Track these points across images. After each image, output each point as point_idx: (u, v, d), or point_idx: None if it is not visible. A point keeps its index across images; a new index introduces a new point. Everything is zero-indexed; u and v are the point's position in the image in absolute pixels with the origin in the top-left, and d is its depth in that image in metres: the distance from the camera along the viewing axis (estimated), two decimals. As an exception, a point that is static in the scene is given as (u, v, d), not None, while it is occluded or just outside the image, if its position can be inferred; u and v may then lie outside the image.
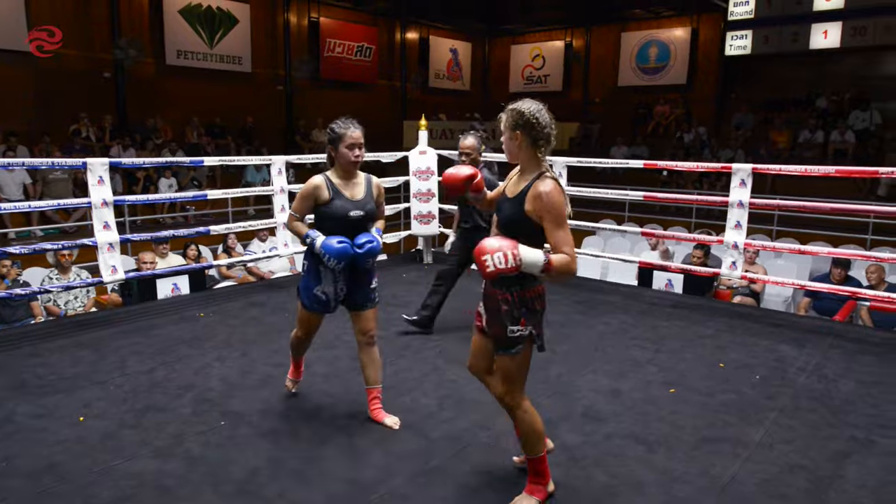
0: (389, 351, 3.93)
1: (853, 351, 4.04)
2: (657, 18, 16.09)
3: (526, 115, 2.13)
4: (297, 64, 14.75)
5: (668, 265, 5.56)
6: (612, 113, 15.96)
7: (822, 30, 12.71)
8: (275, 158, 5.60)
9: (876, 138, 11.76)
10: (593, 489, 2.46)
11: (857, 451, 2.77)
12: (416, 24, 17.35)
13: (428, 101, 16.87)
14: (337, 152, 2.84)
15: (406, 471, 2.55)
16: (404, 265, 6.43)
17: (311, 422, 2.95)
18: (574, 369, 3.63)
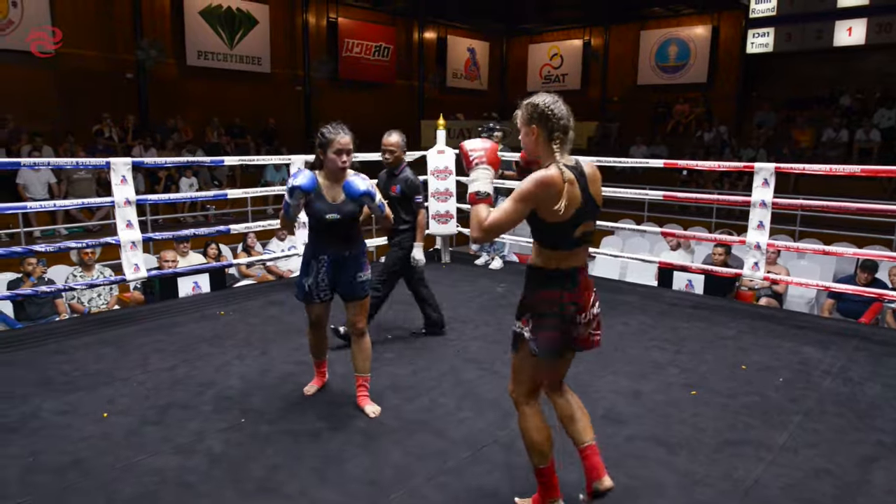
0: (408, 352, 3.94)
1: (879, 353, 3.96)
2: (677, 16, 15.94)
3: (540, 108, 2.08)
4: (315, 64, 14.85)
5: (688, 266, 5.50)
6: (631, 112, 15.84)
7: (847, 27, 12.50)
8: (294, 158, 5.63)
9: (903, 137, 11.54)
10: (614, 491, 2.43)
11: (884, 457, 2.71)
12: (433, 23, 17.37)
13: (446, 100, 16.87)
14: (325, 157, 2.90)
15: (425, 471, 2.55)
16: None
17: (331, 420, 2.96)
18: (593, 370, 3.60)
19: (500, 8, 17.06)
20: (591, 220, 2.10)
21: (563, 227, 2.04)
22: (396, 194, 3.97)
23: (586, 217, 2.07)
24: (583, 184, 2.05)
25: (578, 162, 2.12)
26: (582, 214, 2.04)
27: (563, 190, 1.98)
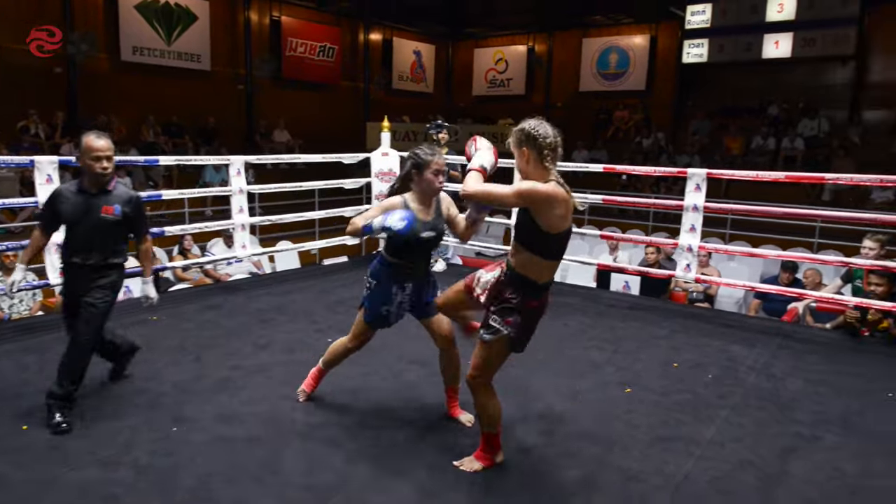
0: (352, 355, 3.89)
1: (800, 350, 4.18)
2: (617, 25, 16.39)
3: (526, 130, 2.29)
4: (257, 63, 14.53)
5: (625, 267, 5.66)
6: (574, 117, 16.17)
7: (774, 40, 13.15)
8: (233, 158, 5.49)
9: (824, 145, 12.22)
10: (550, 489, 2.48)
11: (802, 447, 2.86)
12: (379, 25, 17.28)
13: (391, 102, 16.81)
14: (421, 178, 2.80)
15: (365, 474, 2.53)
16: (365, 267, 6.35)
17: (269, 426, 2.90)
18: (533, 371, 3.65)
19: (445, 11, 17.15)
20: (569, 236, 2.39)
21: (560, 239, 2.31)
22: (115, 216, 2.99)
23: (568, 235, 2.35)
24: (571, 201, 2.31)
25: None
26: (570, 229, 2.34)
27: (563, 204, 2.24)
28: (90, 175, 2.98)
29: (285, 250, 7.17)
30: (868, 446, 2.87)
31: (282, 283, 5.75)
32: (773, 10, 13.05)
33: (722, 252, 5.53)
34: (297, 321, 4.54)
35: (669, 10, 14.41)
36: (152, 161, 5.21)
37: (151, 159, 5.20)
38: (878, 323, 4.40)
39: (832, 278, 5.46)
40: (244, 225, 5.45)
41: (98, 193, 3.01)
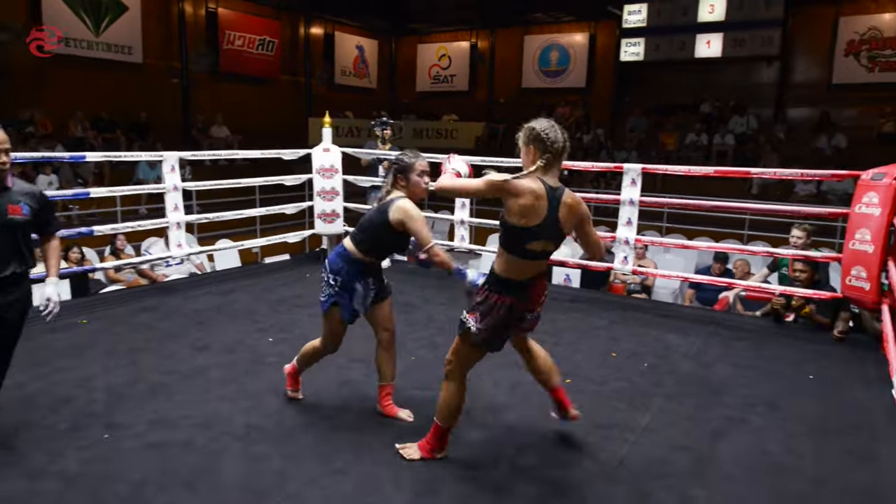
0: (292, 354, 3.83)
1: (729, 337, 4.37)
2: (557, 23, 16.67)
3: (536, 131, 2.35)
4: (193, 56, 14.07)
5: (565, 261, 5.78)
6: (517, 113, 16.24)
7: (706, 40, 13.66)
8: (166, 154, 5.31)
9: (752, 142, 12.79)
10: (492, 479, 2.51)
11: (731, 430, 3.00)
12: (320, 19, 17.01)
13: (334, 98, 16.60)
14: (408, 181, 2.84)
15: (305, 474, 2.50)
16: (308, 265, 6.29)
17: (206, 430, 2.82)
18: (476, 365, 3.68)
19: (387, 6, 17.03)
20: (551, 241, 2.38)
21: (521, 234, 2.30)
22: (24, 216, 2.65)
23: (546, 235, 2.33)
24: (553, 204, 2.30)
25: (562, 187, 2.37)
26: (542, 230, 2.30)
27: (526, 197, 2.25)
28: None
29: (225, 249, 6.98)
30: (791, 426, 3.03)
31: (221, 282, 5.61)
32: (704, 11, 13.55)
33: (657, 244, 5.71)
34: (237, 321, 4.44)
35: (607, 10, 14.75)
36: (79, 157, 4.98)
37: (78, 155, 4.97)
38: (802, 308, 4.65)
39: (760, 268, 5.73)
40: (179, 223, 5.28)
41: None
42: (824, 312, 4.56)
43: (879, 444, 2.84)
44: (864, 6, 12.92)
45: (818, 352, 4.10)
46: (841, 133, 12.04)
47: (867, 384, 3.56)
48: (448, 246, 6.63)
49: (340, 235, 6.50)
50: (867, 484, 2.54)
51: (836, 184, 10.17)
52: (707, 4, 13.48)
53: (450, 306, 4.95)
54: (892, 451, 2.71)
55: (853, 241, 4.13)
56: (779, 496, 2.45)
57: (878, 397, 3.34)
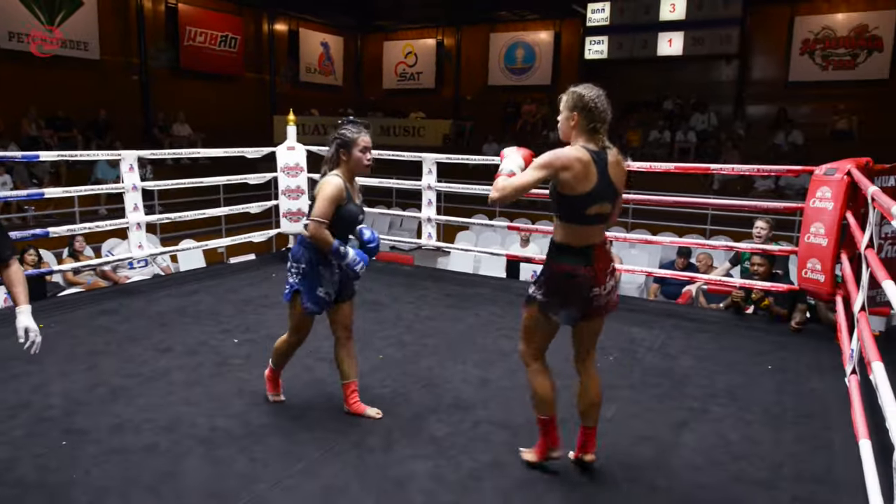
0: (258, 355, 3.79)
1: (692, 330, 4.47)
2: (523, 21, 16.78)
3: (586, 99, 2.29)
4: (153, 52, 13.75)
5: (532, 257, 5.83)
6: (483, 111, 16.45)
7: (668, 38, 13.91)
8: (125, 153, 5.18)
9: (713, 138, 13.09)
10: (460, 476, 2.53)
11: (693, 420, 3.07)
12: (284, 15, 16.80)
13: (299, 95, 16.42)
14: (350, 156, 2.80)
15: (271, 476, 2.47)
16: (274, 264, 6.22)
17: (169, 434, 2.77)
18: (443, 361, 3.70)
19: (352, 3, 16.91)
20: (607, 203, 2.33)
21: (577, 201, 2.28)
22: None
23: (601, 198, 2.30)
24: (601, 167, 2.28)
25: (605, 149, 2.33)
26: (597, 194, 2.27)
27: (574, 166, 2.23)
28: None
29: (188, 249, 6.85)
30: (749, 415, 3.12)
31: (185, 283, 5.50)
32: (665, 10, 13.80)
33: (622, 240, 5.81)
34: (201, 323, 4.36)
35: (572, 8, 14.90)
36: (32, 157, 4.82)
37: (31, 155, 4.82)
38: (761, 301, 4.78)
39: (722, 261, 5.88)
40: (140, 224, 5.16)
41: None
42: (782, 304, 4.69)
43: (833, 432, 2.94)
44: (817, 6, 13.33)
45: (776, 343, 4.22)
46: (798, 130, 12.41)
47: (822, 373, 3.68)
48: (416, 244, 6.65)
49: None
50: (822, 470, 2.63)
51: (793, 179, 10.47)
52: (668, 3, 13.73)
53: (418, 305, 4.96)
54: (845, 438, 2.81)
55: (808, 234, 4.26)
56: (738, 483, 2.52)
57: (832, 385, 3.45)
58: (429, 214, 5.87)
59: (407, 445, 2.74)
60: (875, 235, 3.22)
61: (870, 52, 12.77)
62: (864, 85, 12.70)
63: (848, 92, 12.74)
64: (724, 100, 14.19)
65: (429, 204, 5.87)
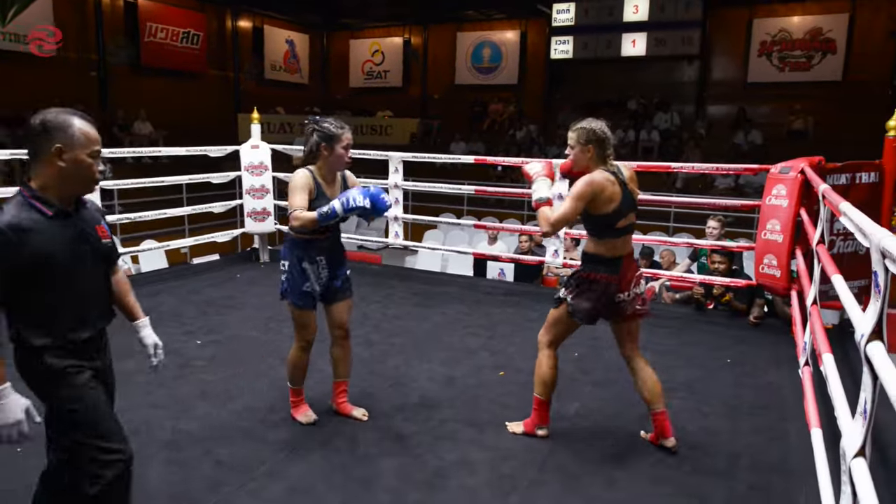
0: (221, 355, 3.74)
1: (653, 325, 4.54)
2: (489, 20, 16.86)
3: (598, 133, 2.60)
4: (111, 48, 13.41)
5: (498, 255, 5.87)
6: (451, 110, 16.48)
7: (631, 39, 14.15)
8: (83, 152, 5.03)
9: (676, 137, 13.36)
10: (426, 474, 2.54)
11: (646, 413, 3.13)
12: (248, 12, 16.56)
13: (264, 93, 16.21)
14: (331, 152, 2.73)
15: (237, 478, 2.45)
16: (239, 265, 6.14)
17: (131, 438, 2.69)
18: (410, 360, 3.71)
19: (318, 0, 16.76)
20: (631, 213, 2.65)
21: (608, 219, 2.59)
22: (111, 241, 2.00)
23: (627, 210, 2.62)
24: (622, 185, 2.61)
25: (619, 167, 2.67)
26: (624, 207, 2.60)
27: (607, 189, 2.54)
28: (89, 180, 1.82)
29: (149, 250, 6.71)
30: (708, 407, 3.21)
31: (147, 284, 5.39)
32: (629, 11, 14.03)
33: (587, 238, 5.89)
34: (163, 325, 4.27)
35: (537, 8, 15.03)
36: (-15, 155, 4.66)
37: (-17, 153, 4.65)
38: (722, 296, 4.90)
39: (684, 258, 6.01)
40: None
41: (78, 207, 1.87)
42: (741, 299, 4.82)
43: (788, 422, 3.04)
44: (774, 9, 13.71)
45: (735, 337, 4.34)
46: (756, 129, 12.75)
47: (778, 366, 3.80)
48: (383, 243, 6.63)
49: (274, 234, 6.37)
50: (777, 459, 2.72)
51: (752, 177, 10.74)
52: (632, 5, 13.96)
53: (385, 304, 4.95)
54: (800, 429, 2.90)
55: (765, 231, 4.38)
56: (696, 474, 2.59)
57: (788, 377, 3.56)
58: (396, 213, 5.86)
59: (373, 445, 2.74)
60: (826, 232, 3.34)
61: (824, 54, 13.20)
62: (819, 86, 13.12)
63: (804, 93, 13.15)
64: (687, 100, 14.50)
65: (396, 202, 5.86)
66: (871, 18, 12.74)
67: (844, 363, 3.28)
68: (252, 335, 4.10)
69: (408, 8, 16.89)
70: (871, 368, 1.44)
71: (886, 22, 12.54)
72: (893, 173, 4.11)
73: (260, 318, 4.42)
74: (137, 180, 5.86)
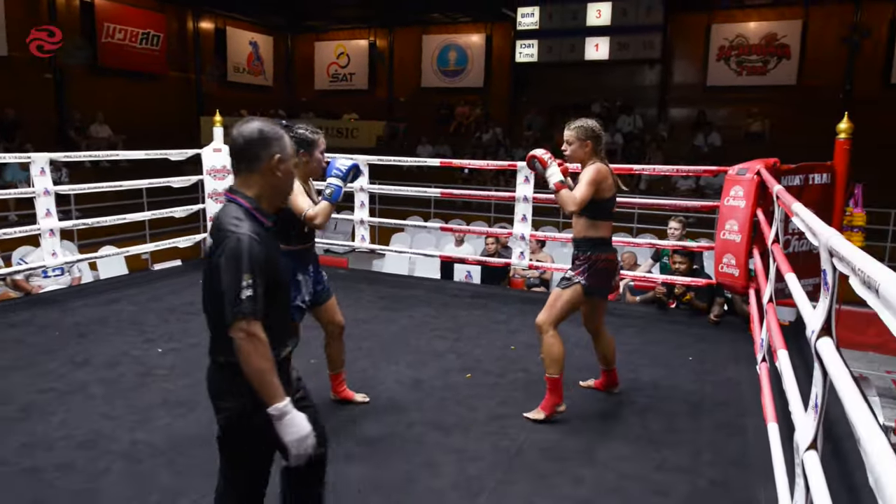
0: (184, 365, 3.66)
1: (619, 325, 4.62)
2: (455, 24, 16.89)
3: (595, 131, 3.06)
4: (67, 48, 13.01)
5: (465, 258, 5.89)
6: (417, 112, 16.46)
7: (595, 43, 14.32)
8: (34, 156, 4.89)
9: (638, 140, 13.59)
10: (394, 477, 2.53)
11: (620, 411, 3.19)
12: (210, 13, 16.27)
13: (228, 95, 15.95)
14: (311, 157, 2.78)
15: (196, 489, 2.39)
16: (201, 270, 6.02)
17: (87, 450, 2.64)
18: (377, 363, 3.69)
19: (282, 2, 16.56)
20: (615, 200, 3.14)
21: (606, 203, 3.05)
22: None
23: (616, 197, 3.13)
24: (613, 175, 3.06)
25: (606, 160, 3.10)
26: (615, 195, 3.10)
27: (608, 177, 3.00)
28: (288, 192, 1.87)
29: (108, 256, 6.52)
30: (671, 405, 3.27)
31: (105, 292, 5.26)
32: (592, 16, 14.21)
33: (553, 239, 5.94)
34: (122, 333, 4.18)
35: (502, 11, 15.13)
36: (-69, 159, 4.48)
37: (-71, 157, 4.48)
38: (683, 296, 5.00)
39: (647, 258, 6.11)
40: (53, 230, 4.89)
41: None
42: (702, 298, 4.93)
43: (747, 418, 3.11)
44: (731, 15, 14.06)
45: (696, 335, 4.43)
46: (716, 132, 13.05)
47: (738, 362, 3.89)
48: (350, 246, 6.58)
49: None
50: (737, 454, 2.78)
51: (712, 179, 10.99)
52: (595, 9, 14.14)
53: (353, 307, 4.90)
54: (758, 424, 2.98)
55: (723, 231, 4.49)
56: (660, 469, 2.63)
57: (746, 374, 3.65)
58: (362, 216, 5.83)
59: (340, 448, 2.71)
60: (781, 231, 3.43)
61: (779, 59, 13.59)
62: (775, 90, 13.50)
63: (760, 96, 13.51)
64: (649, 103, 14.76)
65: (362, 206, 5.83)
66: (824, 25, 13.16)
67: (800, 359, 3.38)
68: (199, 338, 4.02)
69: (372, 10, 16.82)
70: (822, 364, 1.49)
71: (838, 28, 12.97)
72: (844, 174, 4.26)
73: (223, 324, 4.34)
74: (95, 184, 5.72)
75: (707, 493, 2.48)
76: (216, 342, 1.71)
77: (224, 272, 1.57)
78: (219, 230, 1.63)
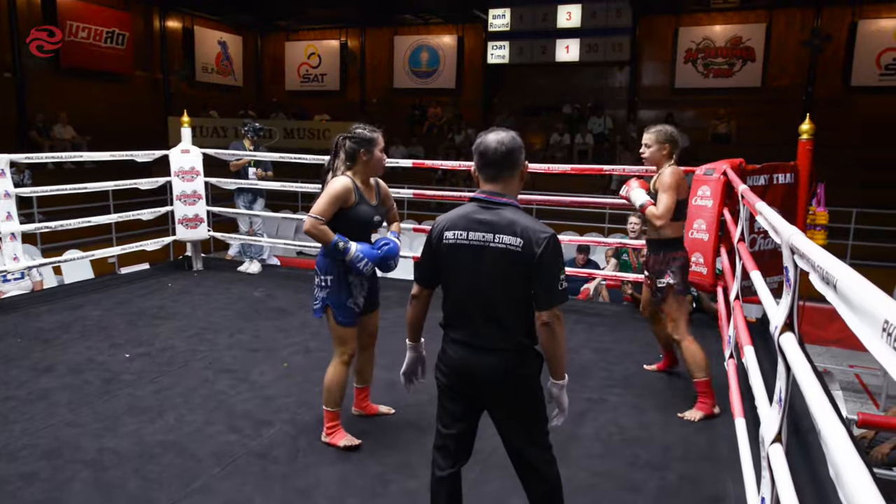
0: (151, 369, 3.59)
1: (592, 324, 4.68)
2: (427, 25, 16.90)
3: (675, 135, 3.26)
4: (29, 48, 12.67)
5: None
6: (390, 114, 16.42)
7: (565, 45, 14.45)
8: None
9: (608, 141, 13.76)
10: (367, 479, 2.51)
11: (592, 410, 3.22)
12: (178, 12, 16.00)
13: (196, 95, 15.70)
14: (371, 156, 2.73)
15: (166, 496, 2.35)
16: (171, 273, 5.92)
17: (51, 459, 2.57)
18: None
19: (251, 1, 16.36)
20: None
21: (682, 204, 3.18)
22: None
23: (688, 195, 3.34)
24: None
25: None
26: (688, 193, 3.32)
27: (684, 179, 3.17)
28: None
29: (73, 259, 6.37)
30: (642, 402, 3.31)
31: (70, 296, 5.13)
32: (562, 18, 14.34)
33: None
34: (88, 338, 4.08)
35: (473, 13, 15.18)
36: None
37: None
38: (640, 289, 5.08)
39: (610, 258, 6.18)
40: (14, 234, 4.75)
41: None
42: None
43: (716, 412, 3.17)
44: (698, 18, 14.34)
45: (666, 332, 4.49)
46: (684, 133, 13.29)
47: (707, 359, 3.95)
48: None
49: (208, 241, 6.17)
50: (706, 449, 2.83)
51: (680, 179, 11.20)
52: (565, 11, 14.28)
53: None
54: (724, 418, 3.04)
55: (692, 230, 4.56)
56: (632, 466, 2.67)
57: (716, 370, 3.71)
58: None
59: (313, 453, 2.70)
60: (747, 230, 3.51)
61: (744, 61, 13.90)
62: (740, 92, 13.80)
63: (726, 98, 13.80)
64: (619, 104, 14.96)
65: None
66: (786, 29, 13.51)
67: (766, 354, 3.45)
68: (184, 346, 3.96)
69: (344, 11, 16.72)
70: (784, 358, 1.52)
71: (800, 32, 13.33)
72: (807, 174, 4.37)
73: (193, 328, 4.27)
74: (59, 187, 5.57)
75: (678, 489, 2.52)
76: (509, 330, 1.98)
77: (553, 265, 1.87)
78: (523, 229, 1.87)
